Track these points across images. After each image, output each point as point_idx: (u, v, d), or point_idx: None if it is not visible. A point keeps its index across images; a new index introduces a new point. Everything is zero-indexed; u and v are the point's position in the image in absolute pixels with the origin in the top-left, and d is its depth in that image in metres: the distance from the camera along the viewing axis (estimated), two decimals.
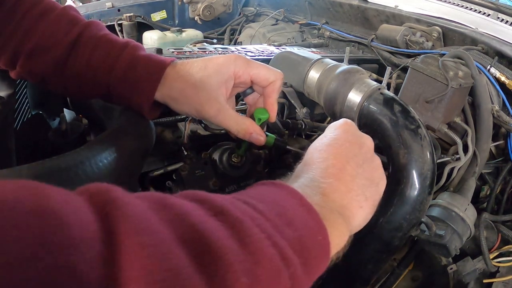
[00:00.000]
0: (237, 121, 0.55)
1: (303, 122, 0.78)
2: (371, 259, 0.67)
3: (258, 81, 0.57)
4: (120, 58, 0.56)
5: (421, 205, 0.61)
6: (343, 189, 0.44)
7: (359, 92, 0.65)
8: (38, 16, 0.57)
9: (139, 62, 0.56)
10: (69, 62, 0.57)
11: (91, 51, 0.56)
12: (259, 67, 0.56)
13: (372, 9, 1.29)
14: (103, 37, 0.58)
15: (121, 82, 0.56)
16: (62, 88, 0.60)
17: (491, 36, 1.03)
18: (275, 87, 0.57)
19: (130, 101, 0.57)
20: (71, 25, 0.57)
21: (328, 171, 0.44)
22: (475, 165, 0.88)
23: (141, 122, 0.60)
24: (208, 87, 0.54)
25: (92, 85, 0.58)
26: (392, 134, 0.61)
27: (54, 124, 0.86)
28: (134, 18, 1.58)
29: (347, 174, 0.45)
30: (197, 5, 1.78)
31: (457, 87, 0.83)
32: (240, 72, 0.56)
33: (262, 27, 1.61)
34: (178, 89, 0.55)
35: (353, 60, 1.13)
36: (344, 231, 0.41)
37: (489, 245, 0.82)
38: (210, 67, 0.55)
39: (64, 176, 0.44)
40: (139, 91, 0.56)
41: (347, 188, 0.44)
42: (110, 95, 0.58)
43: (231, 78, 0.56)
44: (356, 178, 0.46)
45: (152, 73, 0.55)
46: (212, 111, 0.54)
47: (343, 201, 0.43)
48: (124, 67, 0.56)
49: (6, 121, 0.64)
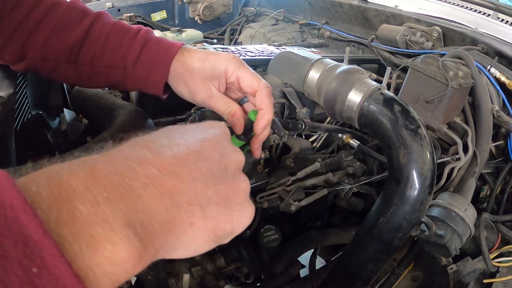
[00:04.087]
0: (226, 102, 0.58)
1: (303, 122, 0.78)
2: (371, 259, 0.67)
3: (242, 85, 0.58)
4: (135, 40, 0.61)
5: (421, 205, 0.61)
6: (169, 184, 0.29)
7: (359, 92, 0.65)
8: (48, 8, 0.60)
9: (152, 44, 0.61)
10: (83, 48, 0.61)
11: (106, 36, 0.61)
12: (246, 71, 0.58)
13: (372, 9, 1.29)
14: (116, 24, 0.63)
15: (137, 63, 0.61)
16: (73, 76, 0.63)
17: (491, 36, 1.03)
18: (261, 97, 0.56)
19: (147, 81, 0.62)
20: (83, 14, 0.62)
21: (155, 157, 0.30)
22: (475, 165, 0.88)
23: (141, 122, 0.60)
24: (202, 76, 0.59)
25: (108, 69, 0.62)
26: (392, 134, 0.61)
27: (54, 124, 0.86)
28: (134, 18, 1.58)
29: (186, 170, 0.31)
30: (197, 5, 1.78)
31: (457, 87, 0.83)
32: (230, 71, 0.58)
33: (262, 27, 1.61)
34: (178, 72, 0.60)
35: (353, 60, 1.13)
36: (129, 245, 0.24)
37: (489, 245, 0.82)
38: (208, 59, 0.59)
39: None
40: (155, 69, 0.61)
41: (175, 187, 0.29)
42: (125, 78, 0.62)
43: (222, 74, 0.59)
44: (198, 182, 0.31)
45: (166, 52, 0.61)
46: (203, 95, 0.59)
47: (158, 204, 0.28)
48: (140, 49, 0.61)
49: (6, 121, 0.64)
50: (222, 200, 0.33)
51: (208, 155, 0.34)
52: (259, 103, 0.57)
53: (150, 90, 0.63)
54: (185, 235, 0.30)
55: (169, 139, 0.33)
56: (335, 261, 0.79)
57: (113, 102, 0.72)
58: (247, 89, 0.58)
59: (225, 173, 0.35)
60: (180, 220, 0.29)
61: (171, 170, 0.30)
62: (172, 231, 0.29)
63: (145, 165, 0.28)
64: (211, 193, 0.32)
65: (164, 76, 0.61)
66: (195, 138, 0.35)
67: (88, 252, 0.23)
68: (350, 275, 0.72)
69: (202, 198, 0.31)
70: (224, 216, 0.33)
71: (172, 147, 0.32)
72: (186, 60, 0.60)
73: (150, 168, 0.29)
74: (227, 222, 0.33)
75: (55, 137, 0.75)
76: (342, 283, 0.73)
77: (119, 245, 0.24)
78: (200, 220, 0.31)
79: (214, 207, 0.32)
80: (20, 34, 0.59)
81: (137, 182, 0.27)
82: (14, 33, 0.59)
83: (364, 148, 0.86)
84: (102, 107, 0.71)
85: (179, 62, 0.60)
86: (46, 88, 0.90)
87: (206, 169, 0.33)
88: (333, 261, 1.05)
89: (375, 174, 0.92)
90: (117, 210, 0.25)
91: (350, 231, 0.94)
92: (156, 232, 0.27)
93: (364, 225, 0.68)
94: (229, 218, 0.33)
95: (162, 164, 0.29)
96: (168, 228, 0.28)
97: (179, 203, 0.29)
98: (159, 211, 0.28)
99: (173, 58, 0.60)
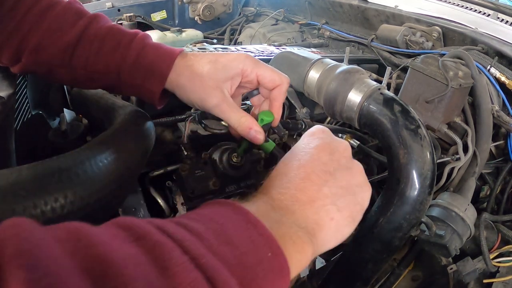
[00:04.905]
0: (238, 114, 0.56)
1: (303, 122, 0.78)
2: (371, 259, 0.67)
3: (264, 82, 0.57)
4: (131, 46, 0.58)
5: (421, 205, 0.61)
6: (304, 199, 0.40)
7: (359, 92, 0.65)
8: (43, 10, 0.58)
9: (150, 50, 0.58)
10: (77, 52, 0.58)
11: (100, 41, 0.58)
12: (267, 69, 0.57)
13: (372, 9, 1.29)
14: (112, 28, 0.60)
15: (132, 70, 0.58)
16: (70, 79, 0.61)
17: (491, 36, 1.03)
18: (281, 91, 0.57)
19: (141, 88, 0.59)
20: (78, 17, 0.59)
21: (289, 183, 0.41)
22: (475, 165, 0.88)
23: (141, 122, 0.60)
24: (214, 78, 0.56)
25: (101, 75, 0.59)
26: (392, 134, 0.61)
27: (54, 124, 0.86)
28: (134, 18, 1.58)
29: (311, 183, 0.41)
30: (197, 5, 1.78)
31: (457, 87, 0.83)
32: (248, 70, 0.57)
33: (262, 27, 1.61)
34: (186, 77, 0.57)
35: (353, 60, 1.13)
36: (305, 245, 0.38)
37: (489, 245, 0.82)
38: (220, 61, 0.57)
39: (64, 176, 0.44)
40: (151, 77, 0.57)
41: (310, 198, 0.41)
42: (120, 84, 0.59)
43: (238, 75, 0.57)
44: (324, 187, 0.42)
45: (164, 60, 0.57)
46: (215, 101, 0.56)
47: (306, 213, 0.40)
48: (136, 55, 0.57)
49: (6, 121, 0.64)
50: (345, 190, 0.43)
51: (322, 161, 0.43)
52: (276, 96, 0.57)
53: (146, 99, 0.61)
54: (331, 228, 0.41)
55: (291, 168, 0.43)
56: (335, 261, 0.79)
57: (113, 102, 0.72)
58: (268, 85, 0.57)
59: (339, 166, 0.44)
60: (323, 219, 0.40)
61: (303, 188, 0.41)
62: (322, 227, 0.40)
63: (287, 188, 0.41)
64: (335, 190, 0.42)
65: (160, 85, 0.58)
66: (307, 155, 0.44)
67: (291, 247, 0.36)
68: (350, 275, 0.72)
69: (331, 198, 0.41)
70: (351, 202, 0.42)
71: (299, 171, 0.43)
72: (193, 64, 0.57)
73: (291, 191, 0.41)
74: (355, 204, 0.43)
75: (55, 137, 0.75)
76: (342, 283, 0.73)
77: (307, 241, 0.38)
78: (336, 214, 0.41)
79: (342, 199, 0.42)
80: (15, 36, 0.57)
81: (288, 202, 0.40)
82: (11, 35, 0.57)
83: (364, 148, 0.86)
84: (102, 107, 0.71)
85: (186, 67, 0.57)
86: (46, 88, 0.90)
87: (324, 173, 0.42)
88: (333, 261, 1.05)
89: (375, 174, 0.93)
90: (294, 221, 0.39)
91: None
92: (317, 230, 0.40)
93: (364, 225, 0.68)
94: (355, 200, 0.43)
95: (296, 186, 0.41)
96: (321, 226, 0.40)
97: (318, 208, 0.40)
98: (313, 216, 0.40)
99: (171, 65, 0.57)
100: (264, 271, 0.32)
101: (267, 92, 0.59)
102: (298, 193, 0.41)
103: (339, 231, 0.42)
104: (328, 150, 0.45)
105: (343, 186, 0.43)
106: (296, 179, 0.42)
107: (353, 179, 0.44)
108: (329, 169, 0.43)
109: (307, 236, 0.38)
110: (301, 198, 0.40)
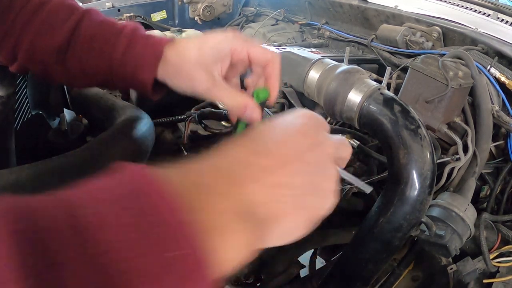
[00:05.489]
0: (231, 95, 0.54)
1: None
2: (371, 259, 0.67)
3: (255, 58, 0.56)
4: (120, 38, 0.57)
5: (421, 205, 0.61)
6: (264, 180, 0.33)
7: (359, 92, 0.65)
8: (35, 7, 0.58)
9: (138, 41, 0.57)
10: (70, 49, 0.58)
11: (91, 36, 0.58)
12: (255, 45, 0.56)
13: (372, 9, 1.29)
14: (103, 22, 0.59)
15: (122, 62, 0.57)
16: (65, 77, 0.61)
17: (491, 36, 1.03)
18: (275, 66, 0.56)
19: (133, 80, 0.58)
20: (69, 13, 0.59)
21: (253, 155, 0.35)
22: (475, 165, 0.88)
23: (140, 122, 0.60)
24: (202, 62, 0.55)
25: (95, 69, 0.59)
26: (392, 134, 0.61)
27: (54, 124, 0.86)
28: (134, 18, 1.58)
29: (281, 165, 0.35)
30: (197, 5, 1.78)
31: (457, 87, 0.83)
32: (238, 49, 0.55)
33: (262, 27, 1.61)
34: (175, 64, 0.56)
35: (353, 60, 1.13)
36: (244, 234, 0.30)
37: (489, 245, 0.82)
38: (207, 44, 0.55)
39: (64, 176, 0.44)
40: (141, 67, 0.57)
41: (271, 181, 0.34)
42: (112, 78, 0.59)
43: (227, 56, 0.56)
44: (296, 176, 0.35)
45: (153, 49, 0.56)
46: (205, 85, 0.55)
47: (258, 196, 0.32)
48: (125, 46, 0.57)
49: (6, 121, 0.64)
50: (315, 190, 0.36)
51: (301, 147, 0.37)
52: (270, 72, 0.56)
53: (139, 89, 0.60)
54: (283, 221, 0.34)
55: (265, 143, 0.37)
56: (335, 261, 0.79)
57: (113, 102, 0.72)
58: (260, 62, 0.56)
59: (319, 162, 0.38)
60: (280, 209, 0.34)
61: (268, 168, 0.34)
62: (274, 219, 0.33)
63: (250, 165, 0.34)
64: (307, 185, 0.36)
65: (150, 75, 0.57)
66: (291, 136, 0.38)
67: (214, 237, 0.28)
68: (350, 275, 0.72)
69: (297, 190, 0.35)
70: (316, 207, 0.37)
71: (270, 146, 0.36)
72: (182, 50, 0.56)
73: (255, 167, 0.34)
74: (318, 208, 0.37)
75: (55, 137, 0.75)
76: (342, 283, 0.73)
77: (249, 229, 0.30)
78: (295, 211, 0.35)
79: (307, 197, 0.36)
80: (11, 35, 0.58)
81: (246, 180, 0.33)
82: (6, 34, 0.58)
83: (364, 148, 0.86)
84: (102, 107, 0.71)
85: (175, 53, 0.56)
86: (46, 88, 0.90)
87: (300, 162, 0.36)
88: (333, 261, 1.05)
89: (375, 174, 0.92)
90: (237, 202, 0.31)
91: (350, 231, 0.94)
92: (268, 220, 0.33)
93: (364, 225, 0.68)
94: (320, 204, 0.37)
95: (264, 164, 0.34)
96: (274, 217, 0.33)
97: (278, 197, 0.34)
98: (266, 203, 0.33)
99: (161, 54, 0.56)
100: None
101: (260, 70, 0.58)
102: (256, 169, 0.34)
103: (291, 230, 0.36)
104: (315, 142, 0.38)
105: (314, 185, 0.36)
106: (265, 152, 0.35)
107: (326, 183, 0.38)
108: (307, 159, 0.36)
109: (252, 222, 0.31)
110: (258, 175, 0.33)
